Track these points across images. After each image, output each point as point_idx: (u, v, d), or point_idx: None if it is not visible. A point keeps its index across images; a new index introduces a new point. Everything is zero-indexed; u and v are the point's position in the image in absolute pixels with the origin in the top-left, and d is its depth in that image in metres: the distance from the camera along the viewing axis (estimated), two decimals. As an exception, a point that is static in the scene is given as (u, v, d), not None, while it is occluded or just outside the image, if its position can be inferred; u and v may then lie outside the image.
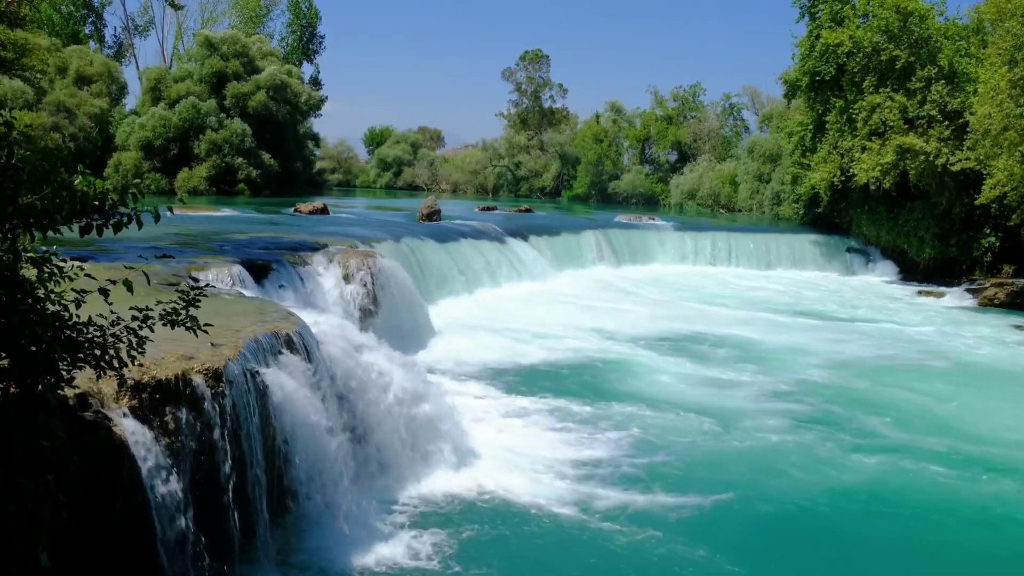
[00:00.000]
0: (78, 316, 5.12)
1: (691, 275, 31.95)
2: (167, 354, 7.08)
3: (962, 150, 29.66)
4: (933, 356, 18.93)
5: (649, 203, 63.05)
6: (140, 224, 5.01)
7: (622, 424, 12.70)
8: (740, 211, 53.16)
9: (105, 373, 5.32)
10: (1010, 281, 28.74)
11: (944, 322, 23.90)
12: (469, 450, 10.77)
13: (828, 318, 23.81)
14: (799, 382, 15.93)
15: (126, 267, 5.81)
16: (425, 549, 8.39)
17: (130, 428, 6.30)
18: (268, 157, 49.66)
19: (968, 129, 29.21)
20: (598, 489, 10.13)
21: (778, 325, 22.11)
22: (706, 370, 16.66)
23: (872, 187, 32.10)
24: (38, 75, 40.00)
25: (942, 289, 29.94)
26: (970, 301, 28.17)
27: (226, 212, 30.00)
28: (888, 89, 32.00)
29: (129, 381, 6.33)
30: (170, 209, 5.29)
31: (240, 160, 47.91)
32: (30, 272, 4.88)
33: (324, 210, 30.86)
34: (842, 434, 12.73)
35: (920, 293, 29.90)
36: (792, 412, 13.83)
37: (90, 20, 65.04)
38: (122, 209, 5.00)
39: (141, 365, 5.73)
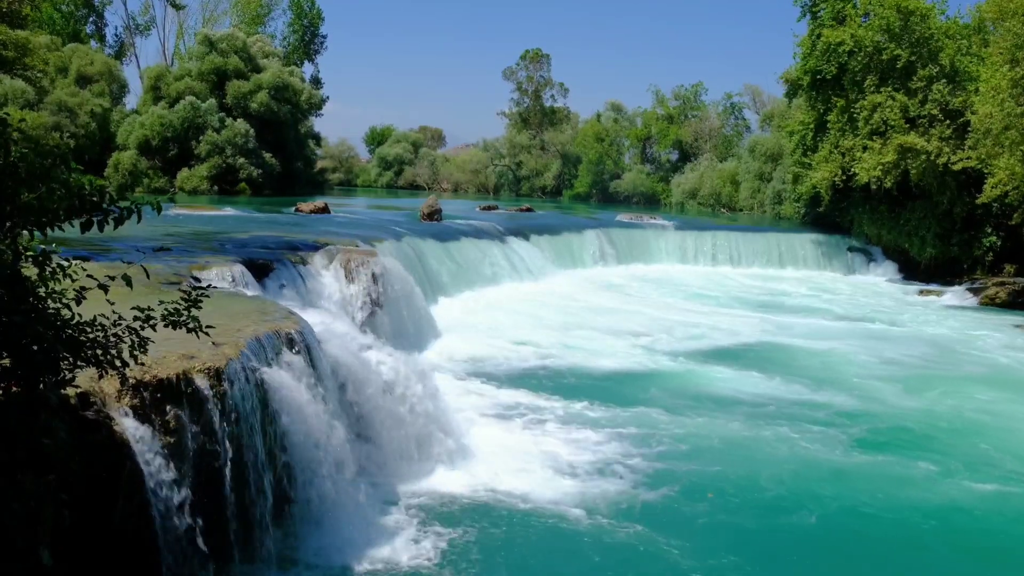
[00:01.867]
0: (80, 315, 5.11)
1: (692, 274, 31.96)
2: (168, 353, 7.07)
3: (963, 149, 29.67)
4: (959, 362, 18.59)
5: (650, 202, 63.08)
6: (140, 217, 5.00)
7: (628, 426, 12.57)
8: (741, 210, 53.15)
9: (107, 372, 5.31)
10: (1011, 280, 28.76)
11: (955, 324, 23.72)
12: (471, 449, 10.75)
13: (835, 318, 23.73)
14: (818, 384, 15.63)
15: (125, 263, 5.81)
16: (427, 548, 8.38)
17: (131, 427, 6.29)
18: (269, 157, 49.65)
19: (969, 128, 29.21)
20: (602, 490, 10.08)
21: (784, 326, 22.02)
22: (714, 370, 16.60)
23: (873, 186, 32.10)
24: (39, 75, 40.05)
25: (943, 288, 29.96)
26: (971, 300, 28.17)
27: (227, 211, 30.00)
28: (889, 88, 31.99)
29: (130, 380, 6.33)
30: (172, 200, 5.28)
31: (242, 160, 47.90)
32: (31, 271, 4.88)
33: (325, 209, 30.84)
34: (885, 445, 12.29)
35: (921, 292, 29.91)
36: (816, 417, 13.49)
37: (91, 19, 65.09)
38: (122, 204, 4.99)
39: (142, 364, 5.72)
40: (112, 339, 5.29)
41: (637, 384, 15.29)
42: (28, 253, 4.82)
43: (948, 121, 30.91)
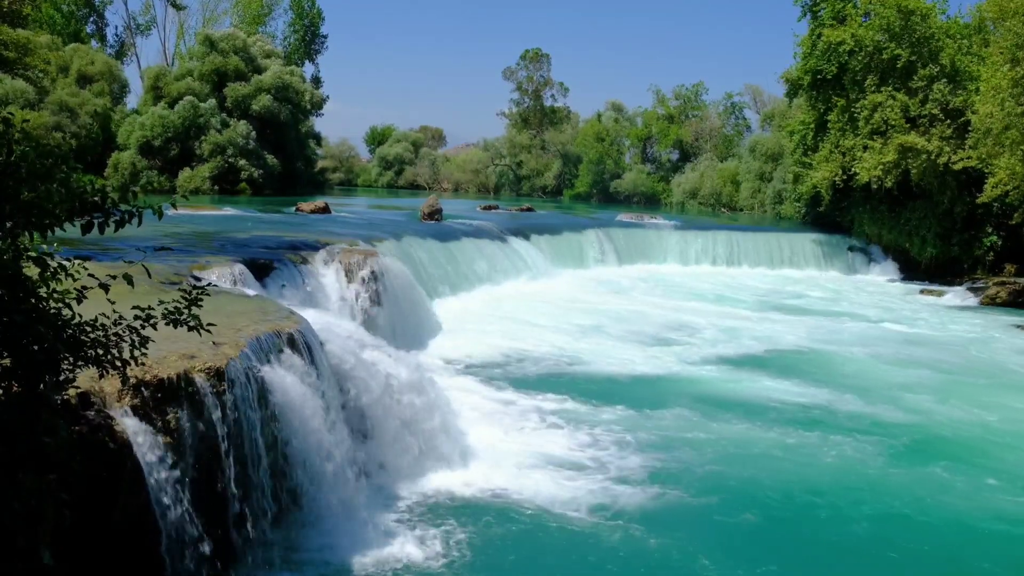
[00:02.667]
0: (80, 315, 5.12)
1: (693, 274, 31.98)
2: (169, 353, 7.08)
3: (964, 149, 29.67)
4: (984, 367, 18.15)
5: (651, 202, 63.10)
6: (140, 220, 5.01)
7: (630, 426, 12.45)
8: (742, 210, 53.15)
9: (108, 372, 5.31)
10: (1012, 280, 28.76)
11: (968, 326, 23.47)
12: (471, 449, 10.75)
13: (851, 320, 23.51)
14: (846, 390, 15.13)
15: (127, 262, 5.81)
16: (427, 547, 8.37)
17: (132, 427, 6.30)
18: (270, 157, 49.71)
19: (970, 128, 29.23)
20: (603, 490, 10.03)
21: (801, 328, 21.63)
22: (720, 372, 16.42)
23: (874, 186, 32.12)
24: (40, 74, 40.09)
25: (944, 288, 29.93)
26: (972, 300, 28.16)
27: (228, 211, 30.01)
28: (890, 88, 32.01)
29: (131, 380, 6.32)
30: (173, 204, 5.27)
31: (243, 160, 47.95)
32: (32, 271, 4.88)
33: (326, 209, 30.86)
34: (924, 455, 11.88)
35: (922, 292, 29.89)
36: (852, 425, 13.03)
37: (91, 19, 65.14)
38: (123, 207, 4.99)
39: (143, 364, 5.72)
40: (113, 339, 5.29)
41: (640, 383, 15.21)
42: (29, 253, 4.82)
43: (949, 121, 30.92)
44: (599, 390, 14.47)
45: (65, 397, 5.64)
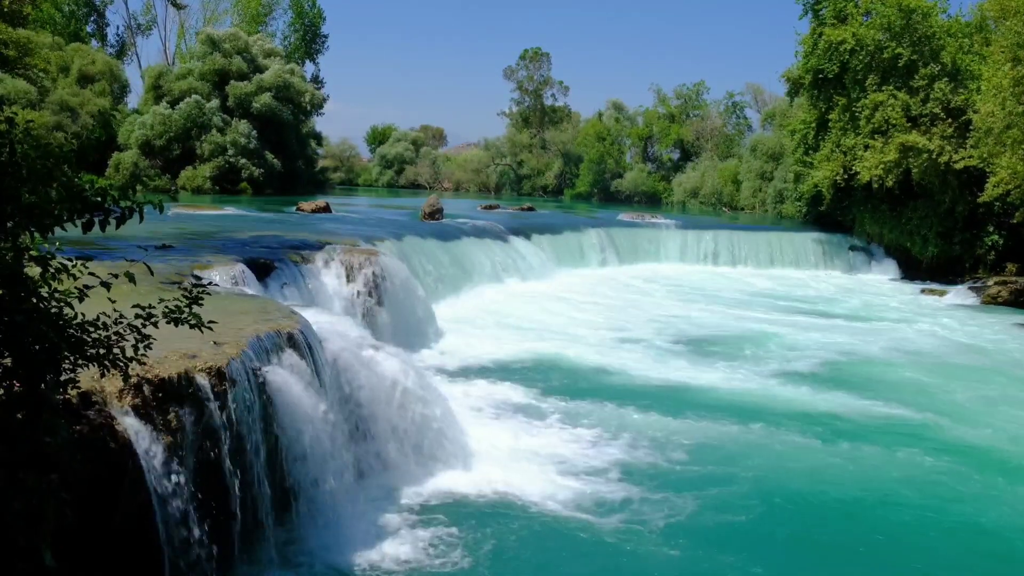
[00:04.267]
0: (83, 315, 5.11)
1: (694, 273, 31.97)
2: (170, 352, 7.07)
3: (965, 148, 29.66)
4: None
5: (651, 201, 63.14)
6: (142, 217, 5.00)
7: (633, 427, 12.37)
8: (742, 209, 53.15)
9: (109, 372, 5.30)
10: (1013, 279, 28.74)
11: (984, 328, 23.15)
12: (472, 449, 10.73)
13: (838, 317, 23.50)
14: (877, 396, 14.72)
15: (128, 261, 5.80)
16: (428, 548, 8.36)
17: (133, 427, 6.29)
18: (271, 157, 49.71)
19: (971, 127, 29.20)
20: (605, 491, 10.00)
21: (802, 328, 21.50)
22: (721, 372, 16.34)
23: (875, 185, 32.10)
24: (41, 74, 40.12)
25: (945, 287, 29.91)
26: (973, 300, 28.12)
27: (229, 211, 30.01)
28: (891, 87, 32.00)
29: (132, 379, 6.31)
30: (174, 199, 5.26)
31: (244, 160, 47.96)
32: (33, 271, 4.87)
33: (326, 209, 30.88)
34: (973, 464, 11.51)
35: (924, 292, 29.86)
36: (896, 434, 12.62)
37: (92, 19, 65.14)
38: (123, 203, 4.98)
39: (143, 363, 5.71)
40: (114, 337, 5.28)
41: (642, 382, 15.14)
42: (31, 252, 4.81)
43: (950, 120, 30.90)
44: (594, 390, 14.40)
45: (66, 397, 5.63)
